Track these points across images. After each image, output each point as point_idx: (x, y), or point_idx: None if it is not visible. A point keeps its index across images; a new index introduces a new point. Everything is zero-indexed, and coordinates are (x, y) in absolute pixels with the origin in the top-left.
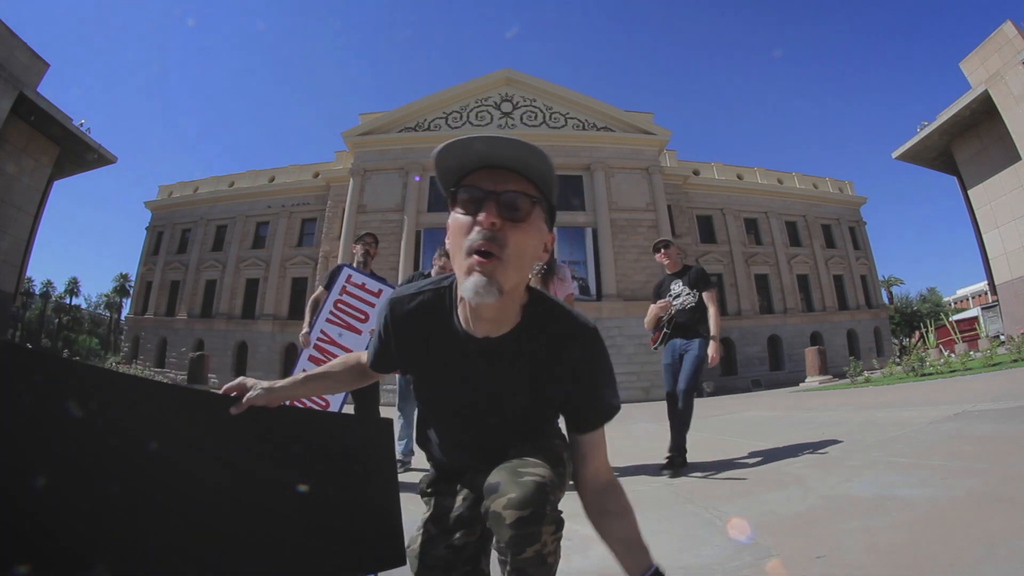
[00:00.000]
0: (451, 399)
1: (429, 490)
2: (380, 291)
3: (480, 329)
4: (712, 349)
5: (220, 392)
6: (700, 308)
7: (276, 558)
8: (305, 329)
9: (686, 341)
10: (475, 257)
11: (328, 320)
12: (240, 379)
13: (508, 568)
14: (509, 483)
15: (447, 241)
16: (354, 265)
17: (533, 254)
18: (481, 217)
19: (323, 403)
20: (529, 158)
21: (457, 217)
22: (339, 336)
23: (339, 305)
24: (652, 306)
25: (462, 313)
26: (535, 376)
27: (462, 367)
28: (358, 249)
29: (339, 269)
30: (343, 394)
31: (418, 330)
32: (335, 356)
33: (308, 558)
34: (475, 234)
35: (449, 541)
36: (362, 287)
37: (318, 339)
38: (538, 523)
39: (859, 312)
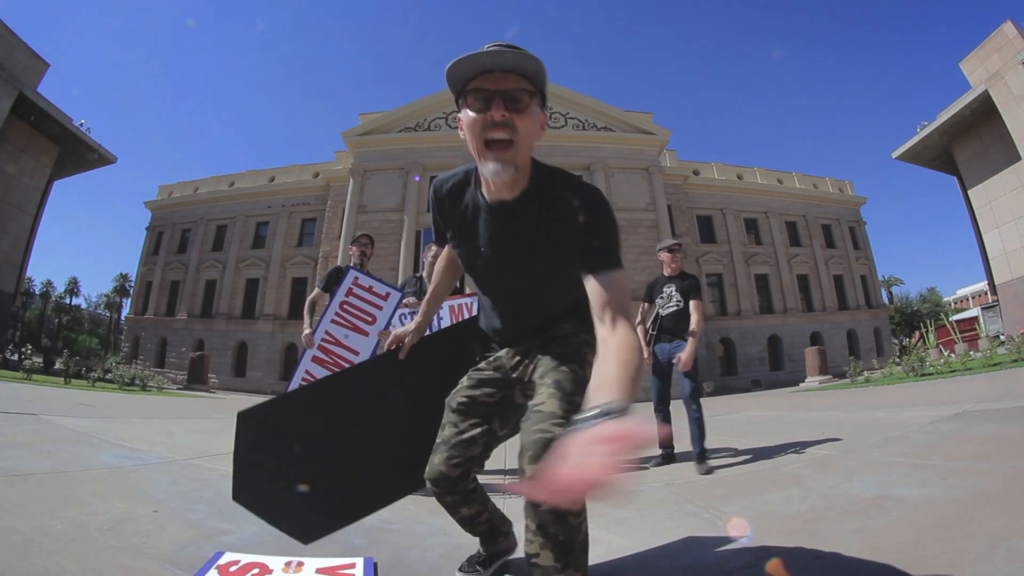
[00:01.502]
0: (485, 264)
1: (478, 347)
2: (388, 294)
3: (495, 194)
4: (687, 352)
5: (387, 349)
6: (686, 313)
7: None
8: (307, 330)
9: (672, 344)
10: (489, 149)
11: (333, 321)
12: (393, 334)
13: (533, 525)
14: (528, 441)
15: (461, 134)
16: (352, 265)
17: (535, 133)
18: (491, 112)
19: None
20: (523, 61)
21: (469, 114)
22: (345, 337)
23: (345, 307)
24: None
25: (484, 187)
26: (538, 239)
27: (487, 231)
28: (354, 251)
29: (343, 271)
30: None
31: (454, 204)
32: (340, 357)
33: None
34: (491, 126)
35: (472, 394)
36: (369, 290)
37: (323, 340)
38: None
39: (859, 312)
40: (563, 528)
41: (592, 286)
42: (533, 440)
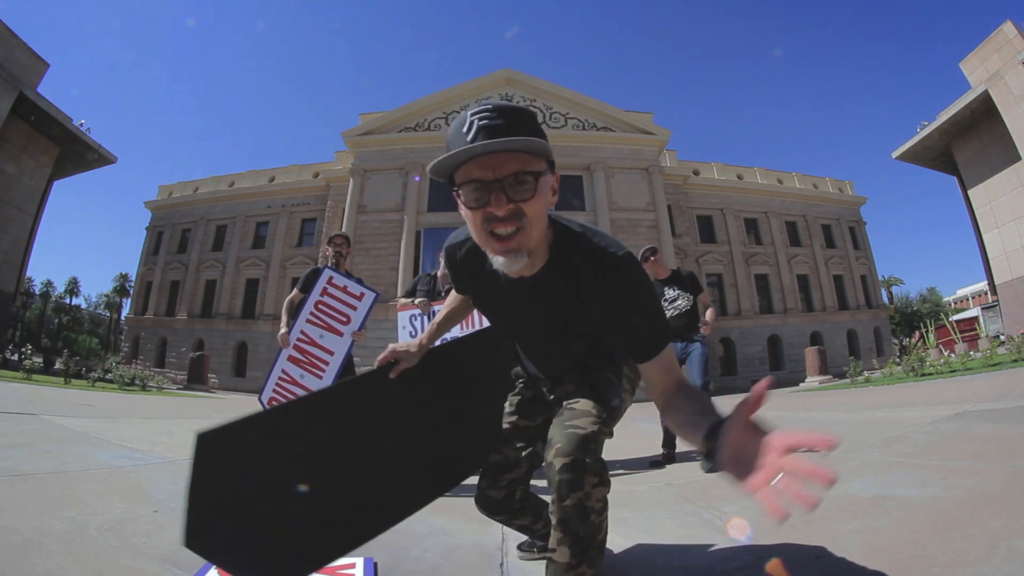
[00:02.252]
0: (511, 330)
1: (518, 379)
2: (362, 294)
3: (512, 272)
4: (711, 317)
5: (376, 367)
6: (692, 313)
7: (440, 469)
8: (283, 330)
9: (683, 344)
10: (496, 242)
11: (308, 321)
12: (390, 348)
13: (555, 520)
14: (558, 435)
15: (462, 213)
16: (328, 266)
17: (548, 205)
18: (492, 208)
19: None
20: (520, 143)
21: (467, 211)
22: (320, 337)
23: (320, 306)
24: None
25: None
26: (565, 312)
27: (506, 305)
28: (329, 251)
29: (318, 271)
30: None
31: (469, 271)
32: (315, 357)
33: (458, 462)
34: (493, 220)
35: (514, 420)
36: (344, 289)
37: (298, 339)
38: (579, 469)
39: (859, 312)
40: (584, 525)
41: (647, 373)
42: (566, 435)
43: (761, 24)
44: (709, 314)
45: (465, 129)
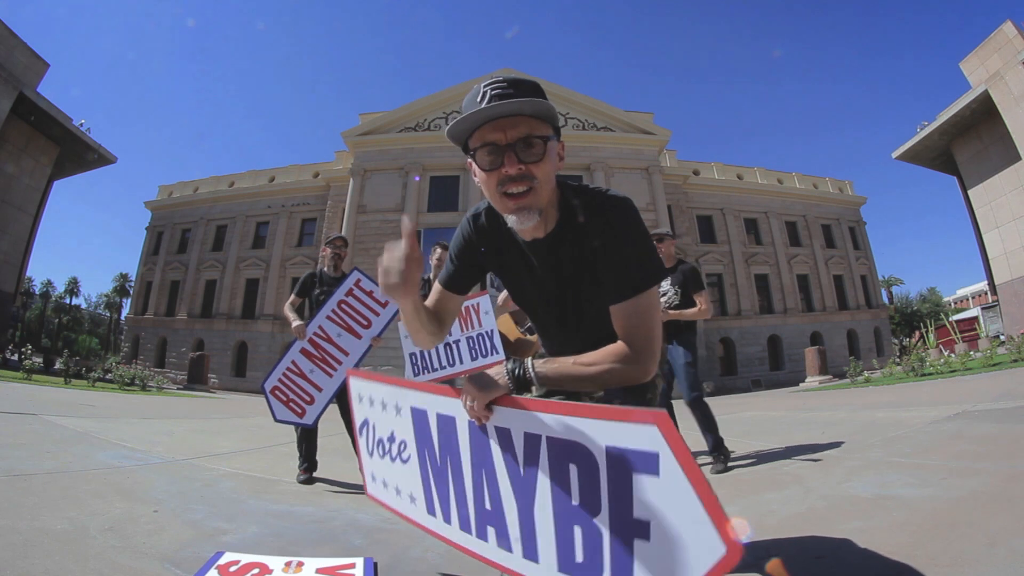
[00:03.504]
0: (528, 301)
1: None
2: (387, 302)
3: (527, 235)
4: (673, 314)
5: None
6: (682, 308)
7: None
8: (298, 322)
9: (669, 346)
10: (508, 199)
11: (328, 318)
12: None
13: None
14: None
15: (475, 179)
16: (325, 268)
17: (555, 170)
18: (505, 168)
19: (299, 411)
20: (530, 105)
21: (482, 173)
22: (337, 336)
23: (343, 306)
24: None
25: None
26: (582, 270)
27: (525, 270)
28: (328, 252)
29: (314, 276)
30: (327, 400)
31: (490, 241)
32: (329, 354)
33: None
34: (507, 182)
35: None
36: (370, 294)
37: (315, 334)
38: None
39: (859, 312)
40: None
41: (615, 312)
42: None
43: (761, 25)
44: (686, 312)
45: (479, 98)
